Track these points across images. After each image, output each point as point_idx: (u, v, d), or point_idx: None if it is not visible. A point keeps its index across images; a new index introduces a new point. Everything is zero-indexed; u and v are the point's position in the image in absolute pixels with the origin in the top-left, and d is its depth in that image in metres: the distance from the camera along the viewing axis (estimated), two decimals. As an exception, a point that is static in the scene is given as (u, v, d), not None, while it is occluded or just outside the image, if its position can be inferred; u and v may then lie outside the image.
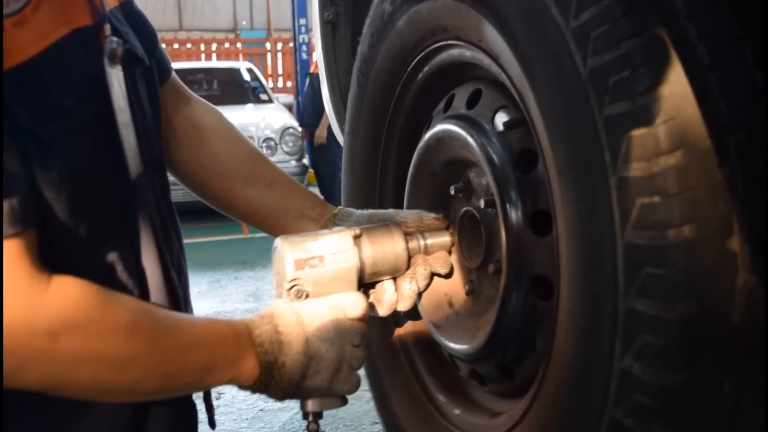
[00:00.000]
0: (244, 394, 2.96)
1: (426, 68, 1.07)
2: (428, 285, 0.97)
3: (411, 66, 1.08)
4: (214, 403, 3.07)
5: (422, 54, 1.04)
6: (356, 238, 0.88)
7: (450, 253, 0.99)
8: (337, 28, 1.48)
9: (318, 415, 0.88)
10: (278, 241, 0.88)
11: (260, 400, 2.94)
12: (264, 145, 6.50)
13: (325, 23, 1.46)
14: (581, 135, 0.66)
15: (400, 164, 1.18)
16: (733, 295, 0.62)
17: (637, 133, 0.62)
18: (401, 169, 1.16)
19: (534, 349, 0.89)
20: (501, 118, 0.91)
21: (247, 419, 2.77)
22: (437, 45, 1.00)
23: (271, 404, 2.90)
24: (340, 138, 1.61)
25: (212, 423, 1.01)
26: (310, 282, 0.85)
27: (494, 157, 0.90)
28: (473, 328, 0.99)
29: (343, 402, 0.88)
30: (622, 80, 0.63)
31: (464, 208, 1.03)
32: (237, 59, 11.49)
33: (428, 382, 1.13)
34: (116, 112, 0.76)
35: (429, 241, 0.96)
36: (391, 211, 1.01)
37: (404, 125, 1.16)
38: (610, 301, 0.64)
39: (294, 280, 0.85)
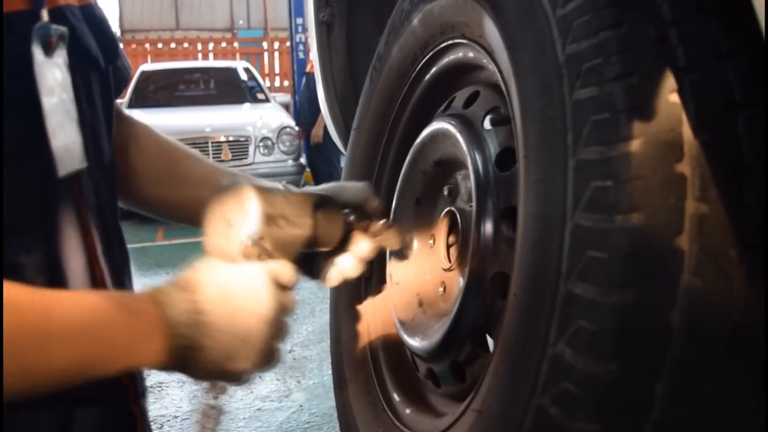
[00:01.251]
0: (241, 394, 2.97)
1: (433, 69, 1.10)
2: (368, 258, 0.94)
3: (420, 65, 1.10)
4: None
5: (431, 53, 1.07)
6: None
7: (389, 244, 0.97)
8: (332, 29, 1.51)
9: (224, 389, 0.77)
10: (245, 190, 0.79)
11: (257, 400, 2.96)
12: (261, 144, 6.54)
13: (320, 24, 1.49)
14: (549, 117, 0.67)
15: (396, 162, 1.19)
16: (674, 294, 0.61)
17: (600, 117, 0.62)
18: (397, 167, 1.18)
19: (487, 349, 0.88)
20: (490, 117, 0.92)
21: (244, 419, 2.78)
22: (445, 44, 1.03)
23: (269, 403, 2.91)
24: (335, 137, 1.64)
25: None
26: (271, 243, 0.77)
27: (477, 153, 0.91)
28: (436, 326, 0.98)
29: None
30: (594, 66, 0.64)
31: (447, 208, 1.04)
32: (234, 58, 11.59)
33: (387, 381, 1.12)
34: (42, 97, 0.70)
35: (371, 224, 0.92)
36: (336, 185, 0.99)
37: (406, 124, 1.18)
38: (552, 284, 0.64)
39: (261, 238, 0.77)
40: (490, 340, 0.92)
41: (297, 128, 6.79)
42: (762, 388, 0.65)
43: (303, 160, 6.99)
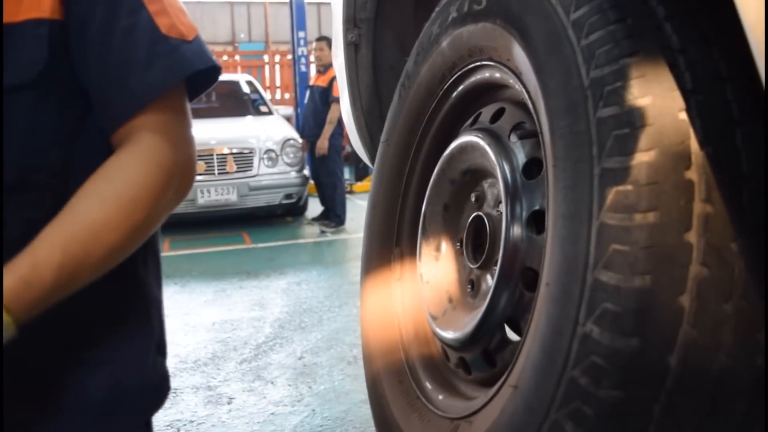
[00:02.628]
0: (255, 399, 3.04)
1: (460, 87, 1.21)
2: None
3: (448, 84, 1.22)
4: (225, 407, 3.10)
5: (459, 73, 1.18)
6: None
7: None
8: (359, 49, 1.62)
9: None
10: None
11: (270, 404, 3.01)
12: (265, 156, 6.62)
13: (348, 44, 1.60)
14: (576, 132, 0.78)
15: (424, 172, 1.30)
16: (685, 281, 0.72)
17: (621, 132, 0.74)
18: (425, 177, 1.29)
19: (517, 336, 0.99)
20: (516, 131, 1.04)
21: (258, 422, 2.82)
22: (473, 65, 1.14)
23: (281, 408, 2.96)
24: (360, 149, 1.75)
25: None
26: None
27: (505, 163, 1.02)
28: (466, 319, 1.09)
29: None
30: (616, 89, 0.75)
31: (475, 213, 1.16)
32: (235, 71, 11.62)
33: (419, 371, 1.23)
34: None
35: None
36: None
37: (434, 137, 1.29)
38: (581, 274, 0.75)
39: None
40: (509, 331, 1.03)
41: (301, 141, 6.86)
42: (762, 361, 0.76)
43: (307, 172, 7.07)
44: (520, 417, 0.83)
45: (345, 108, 1.75)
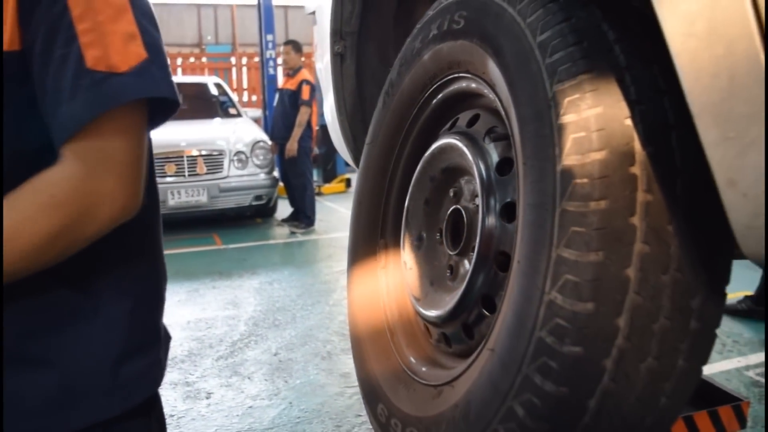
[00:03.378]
0: (233, 393, 3.13)
1: (440, 95, 1.37)
2: None
3: (429, 92, 1.37)
4: (204, 402, 3.16)
5: (439, 83, 1.34)
6: None
7: None
8: (344, 59, 1.77)
9: None
10: None
11: (248, 398, 3.09)
12: (235, 158, 6.68)
13: (334, 55, 1.75)
14: (542, 135, 0.95)
15: (406, 170, 1.46)
16: (630, 256, 0.89)
17: (578, 136, 0.90)
18: (407, 175, 1.45)
19: (492, 311, 1.15)
20: (490, 134, 1.20)
21: (237, 415, 2.92)
22: (451, 77, 1.30)
23: (259, 401, 3.05)
24: (343, 150, 1.90)
25: None
26: None
27: (480, 162, 1.18)
28: (447, 298, 1.25)
29: None
30: (574, 100, 0.92)
31: (453, 206, 1.31)
32: (202, 73, 11.59)
33: (404, 347, 1.38)
34: None
35: None
36: None
37: (415, 139, 1.45)
38: (546, 251, 0.91)
39: None
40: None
41: (270, 143, 6.94)
42: (696, 324, 0.93)
43: (276, 173, 7.15)
44: (497, 374, 0.99)
45: (329, 112, 1.89)
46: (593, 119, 0.90)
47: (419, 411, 1.19)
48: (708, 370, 3.36)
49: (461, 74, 1.26)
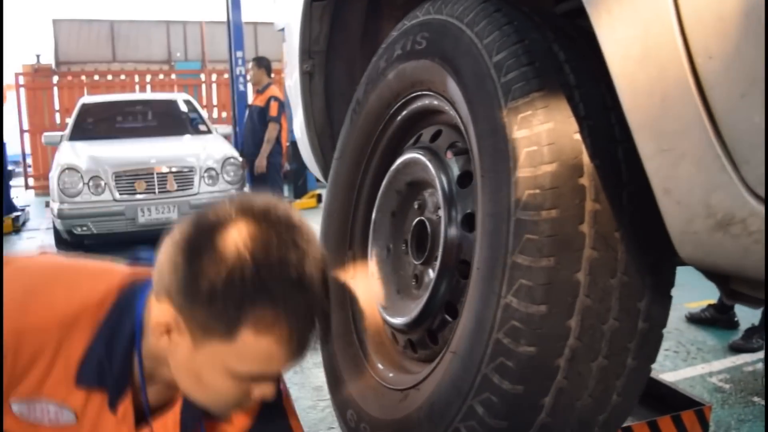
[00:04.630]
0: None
1: (404, 112, 1.43)
2: None
3: (393, 109, 1.43)
4: None
5: (403, 101, 1.40)
6: None
7: None
8: (313, 78, 1.83)
9: None
10: None
11: None
12: (206, 174, 6.58)
13: (303, 73, 1.81)
14: (498, 150, 1.01)
15: (373, 184, 1.51)
16: (580, 261, 0.95)
17: (530, 150, 0.97)
18: (374, 188, 1.50)
19: (454, 317, 1.21)
20: (451, 149, 1.26)
21: None
22: (415, 94, 1.36)
23: None
24: (313, 165, 1.95)
25: None
26: None
27: (442, 175, 1.24)
28: (412, 306, 1.30)
29: None
30: (527, 117, 0.98)
31: (417, 218, 1.37)
32: (172, 90, 11.51)
33: (372, 355, 1.43)
34: None
35: None
36: None
37: (382, 154, 1.50)
38: (503, 258, 0.97)
39: None
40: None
41: (241, 159, 6.95)
42: (643, 324, 1.00)
43: (247, 189, 7.14)
44: (458, 375, 1.04)
45: (299, 129, 1.94)
46: (545, 134, 0.96)
47: (387, 414, 1.24)
48: (673, 376, 3.45)
49: (424, 92, 1.32)
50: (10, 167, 9.69)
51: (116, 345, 0.88)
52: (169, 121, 7.82)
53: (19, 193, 10.11)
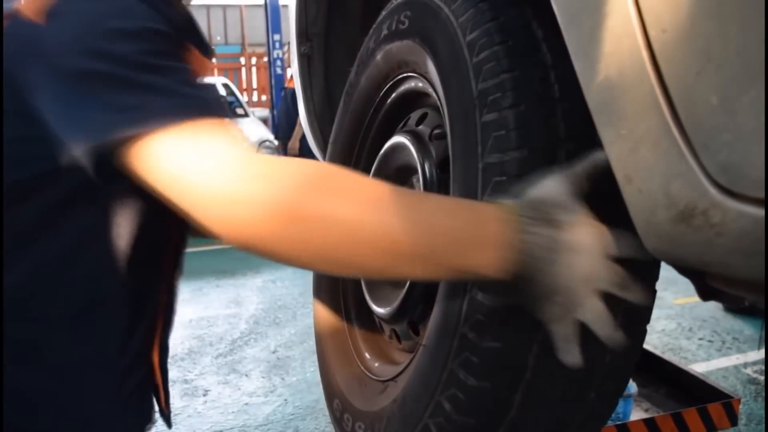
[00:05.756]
0: (230, 390, 3.17)
1: (394, 95, 1.38)
2: None
3: (383, 91, 1.38)
4: (201, 399, 3.21)
5: (392, 82, 1.35)
6: None
7: None
8: (312, 60, 1.79)
9: None
10: None
11: (245, 395, 3.13)
12: None
13: (301, 56, 1.77)
14: (467, 134, 0.96)
15: (366, 169, 1.47)
16: None
17: (499, 134, 0.91)
18: (367, 173, 1.46)
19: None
20: (434, 133, 1.21)
21: (233, 412, 2.96)
22: (402, 76, 1.31)
23: (255, 398, 3.09)
24: (316, 151, 1.91)
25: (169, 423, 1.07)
26: None
27: (425, 159, 1.19)
28: (396, 295, 1.26)
29: None
30: (496, 99, 0.92)
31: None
32: (212, 74, 11.73)
33: (360, 344, 1.40)
34: None
35: None
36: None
37: (373, 138, 1.46)
38: None
39: None
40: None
41: (276, 142, 6.99)
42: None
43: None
44: (426, 370, 1.00)
45: (302, 112, 1.91)
46: (513, 118, 0.90)
47: (367, 406, 1.21)
48: (705, 367, 3.34)
49: (410, 74, 1.27)
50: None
51: None
52: (208, 105, 7.91)
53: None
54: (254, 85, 11.96)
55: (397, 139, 1.31)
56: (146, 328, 0.96)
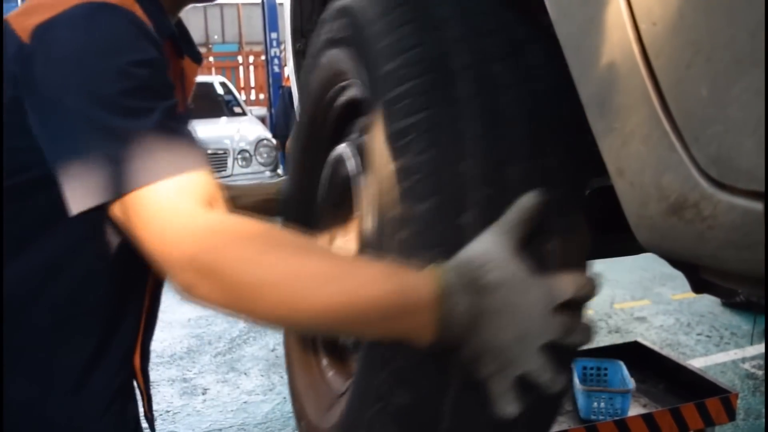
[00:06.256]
0: (228, 389, 3.16)
1: (339, 99, 1.28)
2: None
3: (330, 96, 1.28)
4: (200, 398, 3.21)
5: (337, 87, 1.25)
6: None
7: None
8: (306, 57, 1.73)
9: None
10: None
11: (243, 394, 3.12)
12: (239, 156, 6.61)
13: (297, 53, 1.74)
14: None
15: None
16: None
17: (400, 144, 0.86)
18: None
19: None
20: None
21: (232, 411, 2.96)
22: (345, 83, 1.22)
23: (254, 396, 3.08)
24: None
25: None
26: None
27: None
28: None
29: None
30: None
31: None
32: (209, 73, 11.57)
33: (321, 352, 1.37)
34: None
35: None
36: None
37: (326, 149, 1.35)
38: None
39: None
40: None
41: (274, 140, 6.96)
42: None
43: (281, 170, 7.19)
44: (361, 382, 0.96)
45: (297, 109, 1.89)
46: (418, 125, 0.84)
47: (322, 423, 1.17)
48: (703, 362, 3.35)
49: (352, 80, 1.17)
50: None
51: None
52: (205, 103, 7.89)
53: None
54: (252, 84, 11.91)
55: (340, 150, 1.25)
56: (129, 332, 0.95)
